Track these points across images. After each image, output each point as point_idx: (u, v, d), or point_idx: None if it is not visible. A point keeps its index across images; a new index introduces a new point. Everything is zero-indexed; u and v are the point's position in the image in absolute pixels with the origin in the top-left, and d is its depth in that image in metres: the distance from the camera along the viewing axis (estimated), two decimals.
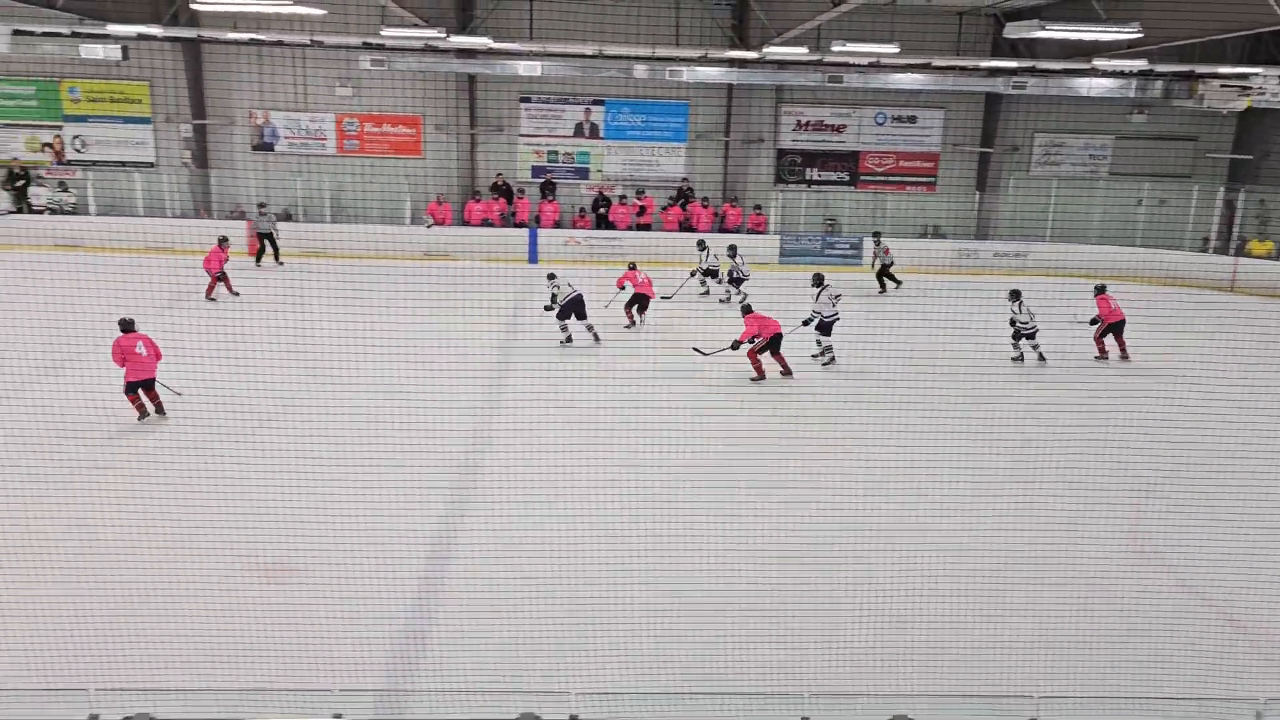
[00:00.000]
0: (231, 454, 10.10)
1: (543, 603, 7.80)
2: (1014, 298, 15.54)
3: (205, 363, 10.34)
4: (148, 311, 13.35)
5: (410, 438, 10.75)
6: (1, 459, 9.94)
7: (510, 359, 15.02)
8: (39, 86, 23.42)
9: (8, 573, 8.01)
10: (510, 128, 24.19)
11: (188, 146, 23.56)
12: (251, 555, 8.39)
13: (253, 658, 6.83)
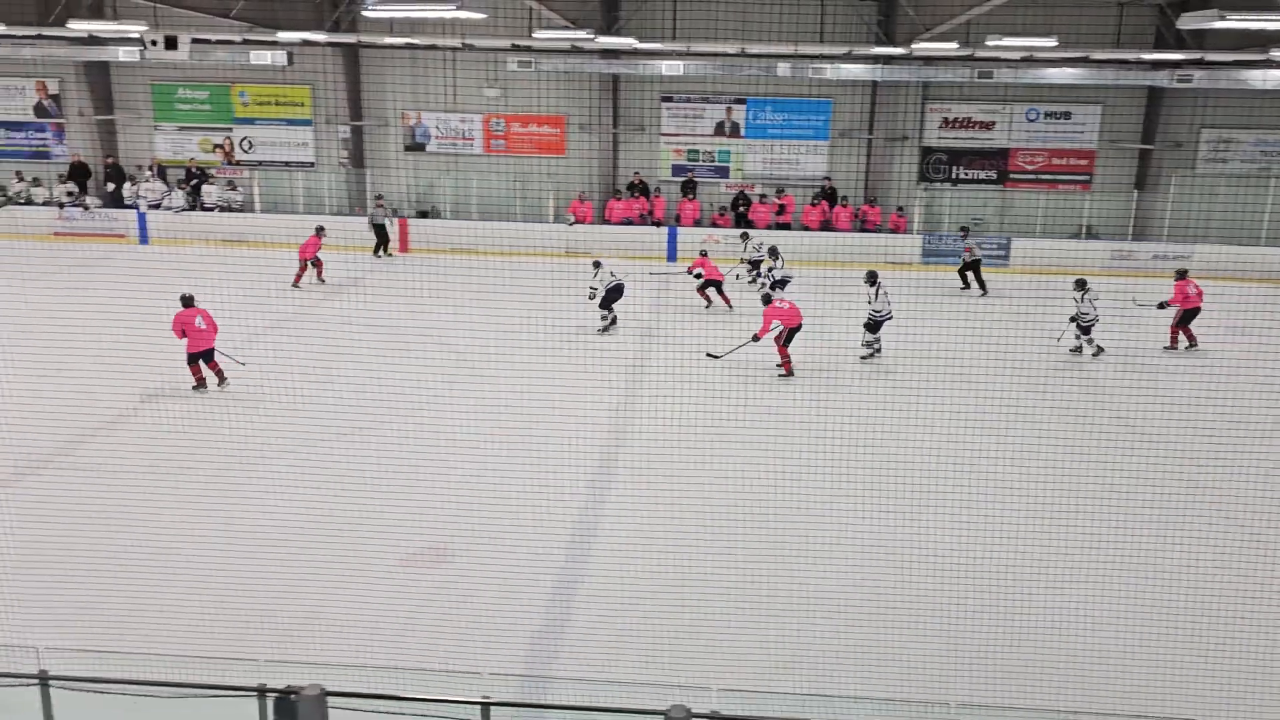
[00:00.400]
0: (385, 444, 10.57)
1: (681, 595, 7.89)
2: (1079, 287, 15.11)
3: (356, 353, 10.83)
4: (298, 303, 14.04)
5: (552, 428, 11.01)
6: (187, 438, 10.65)
7: (648, 353, 15.17)
8: (212, 91, 24.90)
9: (193, 547, 8.59)
10: (651, 127, 24.40)
11: (345, 147, 24.65)
12: (409, 541, 8.76)
13: (409, 638, 7.15)
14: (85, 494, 9.59)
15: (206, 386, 12.90)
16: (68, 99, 25.30)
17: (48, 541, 8.73)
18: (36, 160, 25.62)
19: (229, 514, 9.32)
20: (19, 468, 10.47)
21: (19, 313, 14.52)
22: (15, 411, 11.44)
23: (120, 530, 8.91)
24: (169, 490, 9.82)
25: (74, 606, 7.65)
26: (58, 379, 11.64)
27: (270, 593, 7.88)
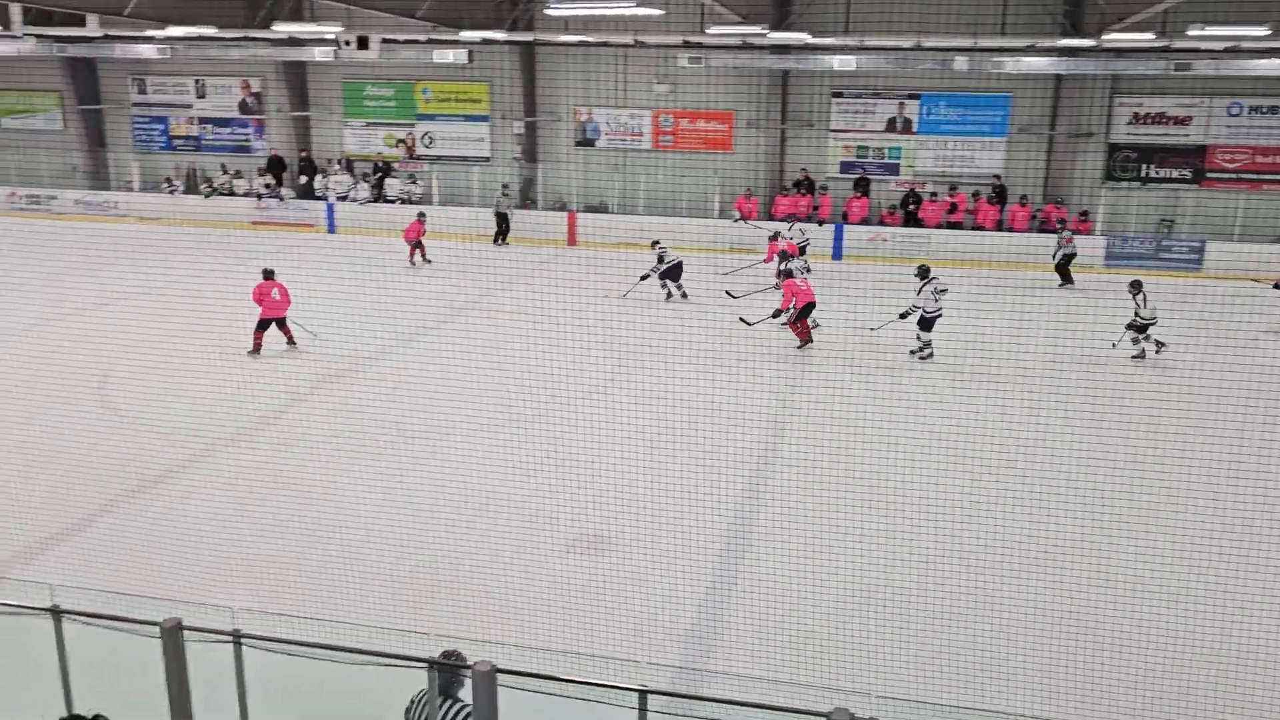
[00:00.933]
0: (555, 431, 10.87)
1: (838, 597, 7.81)
2: (1135, 289, 14.75)
3: (529, 342, 11.15)
4: (492, 295, 14.53)
5: (713, 423, 11.06)
6: (371, 416, 11.26)
7: (809, 349, 15.02)
8: (397, 89, 26.09)
9: (372, 521, 9.09)
10: (820, 123, 24.10)
11: (519, 142, 25.40)
12: (574, 528, 9.01)
13: (570, 622, 7.37)
14: (278, 466, 10.28)
15: (260, 352, 14.37)
16: (268, 97, 27.03)
17: (242, 510, 9.40)
18: (238, 154, 27.49)
19: (408, 491, 9.79)
20: (217, 440, 11.29)
21: (223, 296, 15.60)
22: (214, 387, 12.34)
23: (307, 502, 9.51)
24: (353, 465, 10.41)
25: (264, 571, 8.22)
26: (252, 358, 12.49)
27: (442, 568, 8.26)
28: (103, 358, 13.32)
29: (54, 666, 5.12)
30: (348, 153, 26.76)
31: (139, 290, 16.27)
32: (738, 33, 20.05)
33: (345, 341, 14.54)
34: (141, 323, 15.05)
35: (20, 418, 11.64)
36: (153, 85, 27.67)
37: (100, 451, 10.54)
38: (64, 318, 15.81)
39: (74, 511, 9.48)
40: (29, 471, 10.16)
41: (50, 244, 18.72)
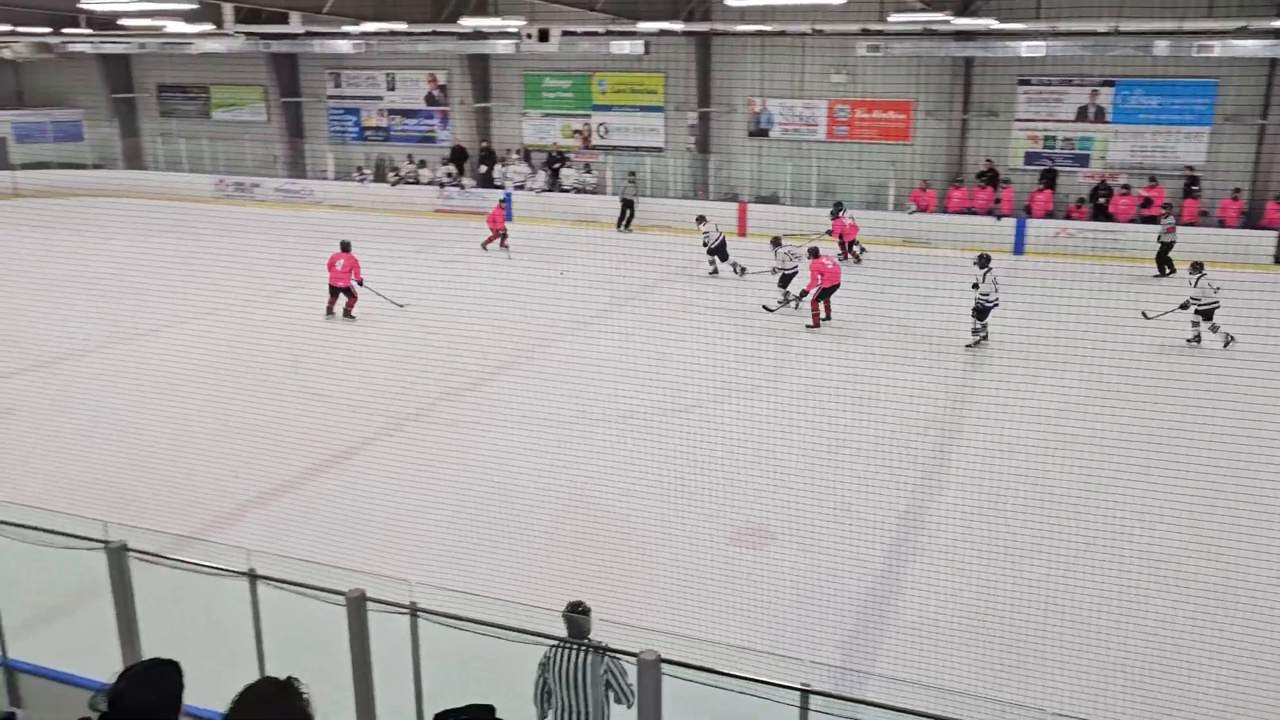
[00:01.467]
0: (720, 421, 10.88)
1: (1011, 605, 7.51)
2: (1195, 270, 14.35)
3: (694, 333, 11.18)
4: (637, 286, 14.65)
5: (882, 420, 10.82)
6: (541, 401, 11.58)
7: (981, 349, 14.47)
8: (574, 80, 26.60)
9: (538, 502, 9.35)
10: (1005, 112, 23.12)
11: (692, 133, 25.46)
12: (737, 520, 9.01)
13: (732, 615, 7.37)
14: (453, 445, 10.71)
15: (332, 313, 16.09)
16: (452, 89, 28.06)
17: (420, 486, 9.83)
18: (423, 144, 28.67)
19: (575, 476, 10.02)
20: (398, 418, 11.84)
21: (406, 281, 16.33)
22: (396, 367, 12.94)
23: (479, 481, 9.86)
24: (524, 447, 10.72)
25: (438, 546, 8.57)
26: (429, 342, 13.01)
27: (605, 553, 8.41)
28: (297, 337, 14.18)
29: (247, 628, 5.48)
30: (526, 143, 27.49)
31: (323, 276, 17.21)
32: (921, 19, 19.47)
33: (520, 327, 14.95)
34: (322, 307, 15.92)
35: (224, 393, 12.52)
36: (347, 79, 29.17)
37: (293, 426, 11.24)
38: (264, 300, 16.90)
39: (268, 482, 10.14)
40: (229, 443, 10.93)
41: (253, 229, 20.05)
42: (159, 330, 15.50)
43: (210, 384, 12.81)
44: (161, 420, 11.69)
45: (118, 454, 10.83)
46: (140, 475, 10.20)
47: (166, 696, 3.08)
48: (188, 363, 13.50)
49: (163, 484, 9.91)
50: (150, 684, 3.07)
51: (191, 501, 9.53)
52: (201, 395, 12.42)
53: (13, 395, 12.83)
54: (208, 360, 13.66)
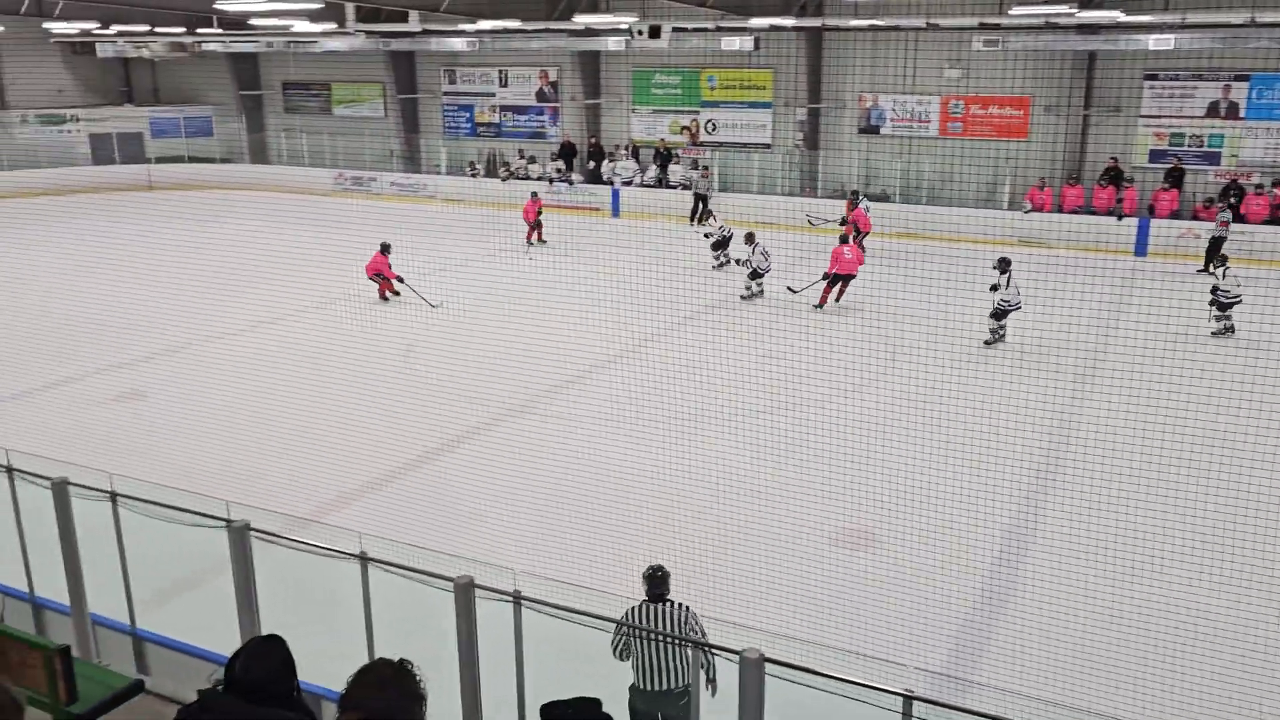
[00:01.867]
0: (825, 420, 10.77)
1: (1124, 618, 7.25)
2: (1221, 263, 15.04)
3: (797, 331, 11.09)
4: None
5: (989, 423, 10.55)
6: (641, 397, 11.65)
7: (1099, 358, 13.96)
8: (683, 76, 26.60)
9: (641, 496, 9.42)
10: (1129, 108, 22.24)
11: (800, 129, 25.20)
12: (840, 521, 8.92)
13: (833, 616, 7.30)
14: (555, 439, 10.86)
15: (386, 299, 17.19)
16: (563, 85, 28.37)
17: (523, 477, 9.99)
18: (533, 140, 29.06)
19: (677, 472, 10.04)
20: (507, 410, 12.06)
21: (512, 274, 16.61)
22: (504, 360, 13.15)
23: (582, 475, 9.97)
24: (628, 443, 10.80)
25: (540, 537, 8.71)
26: (537, 336, 13.22)
27: (707, 550, 8.41)
28: (410, 327, 14.55)
29: (357, 609, 5.65)
30: (634, 139, 27.62)
31: (439, 267, 17.62)
32: (1042, 13, 18.87)
33: (626, 323, 15.04)
34: (442, 296, 16.31)
35: (340, 381, 12.93)
36: (461, 76, 29.75)
37: (405, 414, 11.55)
38: (373, 289, 17.39)
39: (380, 468, 10.45)
40: (345, 429, 11.30)
41: (370, 222, 20.63)
42: (282, 319, 16.10)
43: (328, 371, 13.25)
44: (282, 405, 12.15)
45: (241, 437, 11.31)
46: (262, 458, 10.63)
47: (280, 671, 3.21)
48: (307, 351, 14.00)
49: (282, 467, 10.30)
50: (264, 659, 3.20)
51: (309, 485, 9.88)
52: (319, 382, 12.86)
53: (145, 379, 13.49)
54: (326, 348, 14.13)
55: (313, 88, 32.18)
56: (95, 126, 31.43)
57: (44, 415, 11.96)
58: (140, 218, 24.04)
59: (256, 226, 19.77)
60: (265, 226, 20.32)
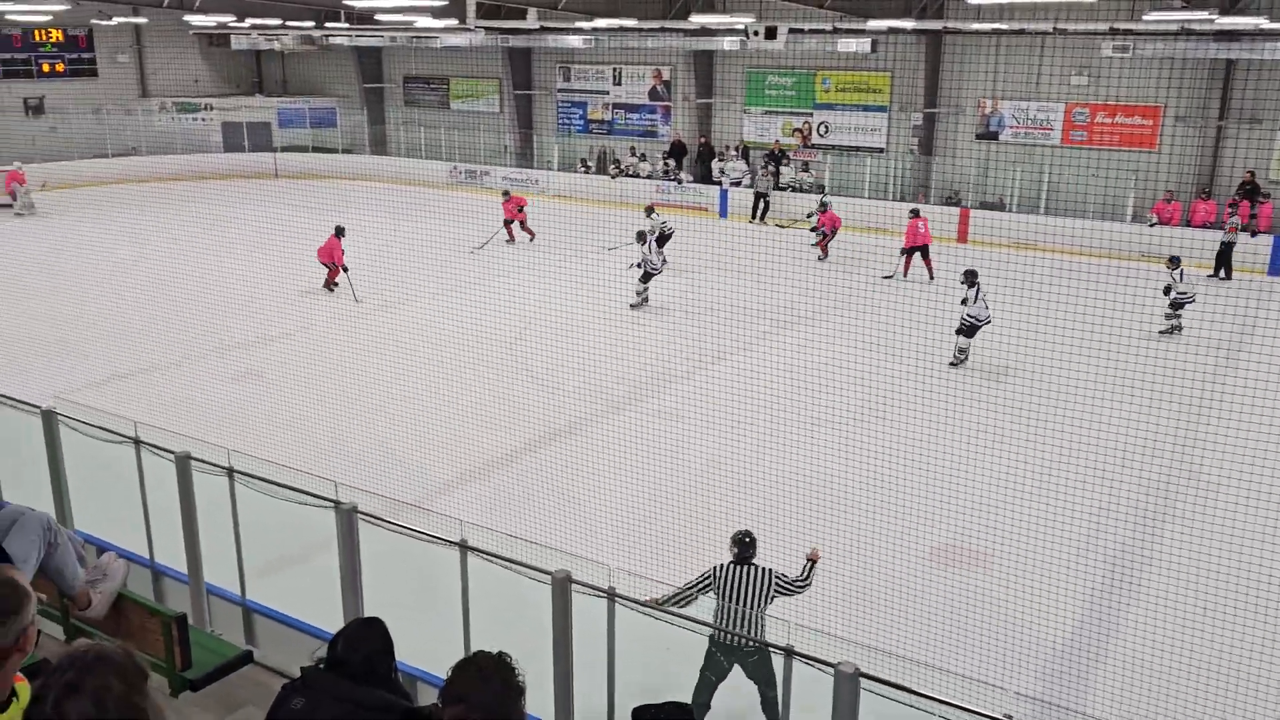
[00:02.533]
0: (932, 430, 10.55)
1: (1242, 652, 6.91)
2: (1173, 264, 15.09)
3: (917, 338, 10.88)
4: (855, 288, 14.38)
5: (1107, 441, 10.19)
6: (751, 395, 11.61)
7: (1223, 380, 13.31)
8: (797, 78, 26.36)
9: (738, 501, 9.38)
10: (1271, 120, 21.15)
11: (916, 134, 24.71)
12: (941, 534, 8.72)
13: (932, 633, 7.14)
14: (656, 436, 10.87)
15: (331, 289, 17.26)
16: (676, 84, 28.41)
17: (623, 473, 10.03)
18: (644, 138, 29.18)
19: (774, 478, 9.97)
20: (608, 404, 12.14)
21: (615, 272, 16.68)
22: (607, 355, 13.23)
23: (680, 473, 9.96)
24: (724, 445, 10.76)
25: (636, 533, 8.74)
26: (638, 333, 13.29)
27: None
28: (518, 320, 14.76)
29: (454, 594, 5.75)
30: (745, 140, 27.48)
31: (547, 260, 17.84)
32: (1179, 18, 18.11)
33: (732, 323, 15.00)
34: (546, 291, 16.51)
35: (447, 368, 13.20)
36: (576, 73, 30.06)
37: (507, 405, 11.73)
38: (482, 282, 17.71)
39: (482, 456, 10.63)
40: (451, 415, 11.53)
41: (480, 215, 21.01)
42: (394, 305, 16.53)
43: (437, 359, 13.55)
44: (392, 391, 12.47)
45: (351, 419, 11.65)
46: (369, 441, 10.93)
47: (380, 652, 3.29)
48: (417, 339, 14.34)
49: (389, 451, 10.57)
50: (366, 640, 3.29)
51: (414, 470, 10.12)
52: (428, 370, 13.16)
53: (262, 359, 14.00)
54: (436, 337, 14.45)
55: (432, 82, 32.94)
56: (227, 115, 32.77)
57: (170, 390, 12.51)
58: (266, 204, 24.98)
59: (374, 216, 20.31)
60: (383, 217, 20.87)
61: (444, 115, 32.49)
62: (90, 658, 2.05)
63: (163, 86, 32.56)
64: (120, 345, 14.11)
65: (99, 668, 2.03)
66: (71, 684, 1.99)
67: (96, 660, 2.05)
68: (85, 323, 15.47)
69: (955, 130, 24.60)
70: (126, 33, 31.56)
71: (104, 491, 7.52)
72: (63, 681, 1.99)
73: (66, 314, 15.89)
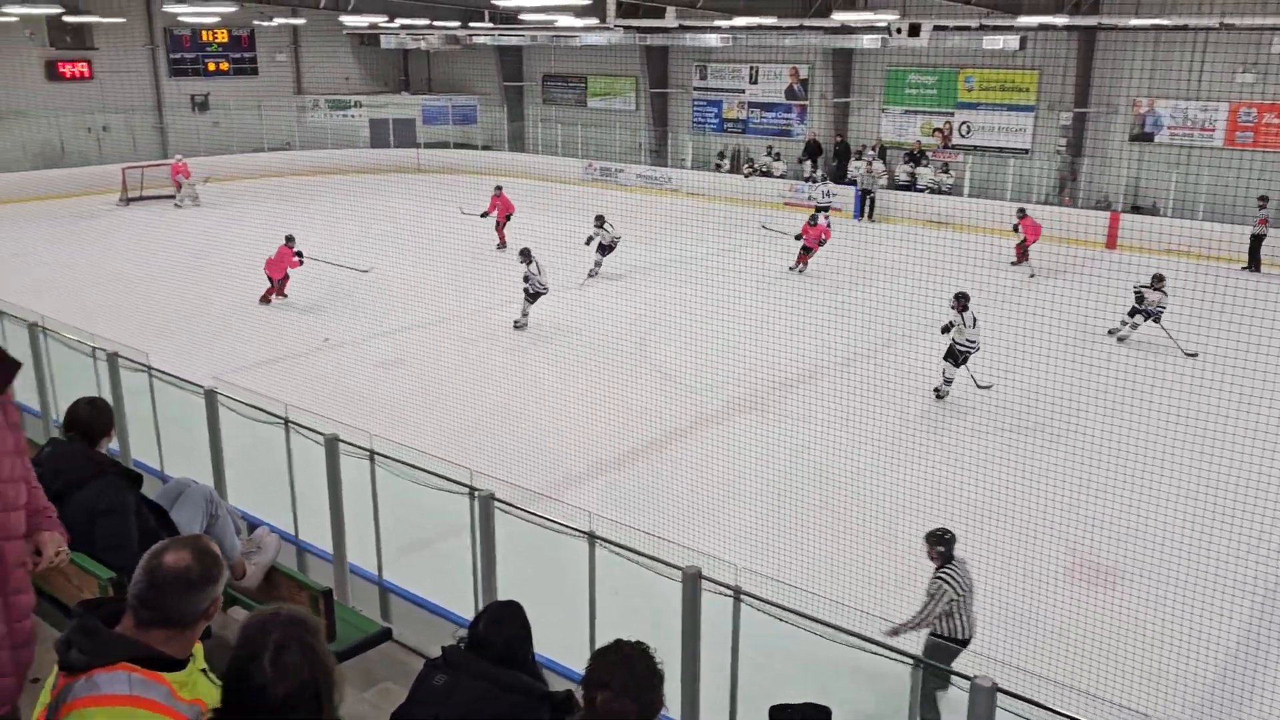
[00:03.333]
0: (1084, 444, 10.15)
1: None
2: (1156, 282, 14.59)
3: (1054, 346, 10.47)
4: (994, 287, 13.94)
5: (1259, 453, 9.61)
6: (878, 404, 11.42)
7: None
8: (940, 76, 25.70)
9: (868, 507, 9.24)
10: None
11: (1064, 134, 23.78)
12: (1077, 551, 8.39)
13: (1065, 653, 6.88)
14: (787, 436, 10.80)
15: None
16: (813, 83, 28.08)
17: (750, 471, 10.00)
18: (778, 137, 28.95)
19: (903, 483, 9.77)
20: (733, 403, 12.11)
21: (744, 271, 16.61)
22: (735, 354, 13.19)
23: (813, 476, 9.86)
24: (853, 448, 10.60)
25: (765, 534, 8.69)
26: (768, 334, 13.19)
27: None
28: (648, 316, 14.85)
29: (581, 585, 5.82)
30: (883, 140, 26.97)
31: (679, 258, 17.90)
32: None
33: (865, 325, 14.74)
34: (677, 289, 16.57)
35: (579, 361, 13.41)
36: (712, 72, 30.05)
37: (637, 400, 11.83)
38: (620, 278, 17.89)
39: (612, 449, 10.76)
40: (581, 408, 11.70)
41: (614, 212, 21.21)
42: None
43: (569, 352, 13.78)
44: (525, 382, 12.74)
45: (486, 408, 11.95)
46: (503, 430, 11.19)
47: (520, 635, 3.38)
48: (550, 331, 14.59)
49: (521, 440, 10.81)
50: (506, 623, 3.38)
51: (545, 460, 10.32)
52: (560, 362, 13.39)
53: (404, 348, 14.49)
54: (569, 330, 14.69)
55: (570, 80, 33.45)
56: (375, 112, 34.03)
57: (318, 373, 13.07)
58: (409, 197, 25.84)
59: (512, 211, 20.78)
60: (520, 211, 21.33)
61: (580, 113, 32.95)
62: (288, 618, 2.26)
63: (316, 84, 34.02)
64: (273, 330, 14.83)
65: (298, 628, 2.24)
66: (281, 642, 2.19)
67: (294, 621, 2.26)
68: (241, 309, 16.31)
69: (1107, 131, 23.57)
70: (285, 33, 33.14)
71: (255, 469, 7.92)
72: (272, 640, 2.19)
73: (226, 300, 16.79)
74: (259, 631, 2.24)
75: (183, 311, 15.95)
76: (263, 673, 2.17)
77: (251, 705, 2.18)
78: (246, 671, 2.19)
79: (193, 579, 2.41)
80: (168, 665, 2.39)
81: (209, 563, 2.45)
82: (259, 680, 2.17)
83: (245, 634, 2.26)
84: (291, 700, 2.17)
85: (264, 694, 2.17)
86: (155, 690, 2.34)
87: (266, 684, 2.17)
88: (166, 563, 2.42)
